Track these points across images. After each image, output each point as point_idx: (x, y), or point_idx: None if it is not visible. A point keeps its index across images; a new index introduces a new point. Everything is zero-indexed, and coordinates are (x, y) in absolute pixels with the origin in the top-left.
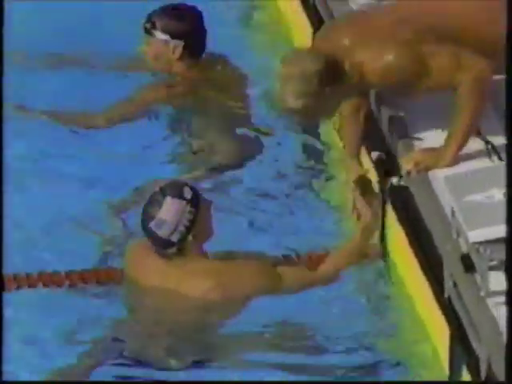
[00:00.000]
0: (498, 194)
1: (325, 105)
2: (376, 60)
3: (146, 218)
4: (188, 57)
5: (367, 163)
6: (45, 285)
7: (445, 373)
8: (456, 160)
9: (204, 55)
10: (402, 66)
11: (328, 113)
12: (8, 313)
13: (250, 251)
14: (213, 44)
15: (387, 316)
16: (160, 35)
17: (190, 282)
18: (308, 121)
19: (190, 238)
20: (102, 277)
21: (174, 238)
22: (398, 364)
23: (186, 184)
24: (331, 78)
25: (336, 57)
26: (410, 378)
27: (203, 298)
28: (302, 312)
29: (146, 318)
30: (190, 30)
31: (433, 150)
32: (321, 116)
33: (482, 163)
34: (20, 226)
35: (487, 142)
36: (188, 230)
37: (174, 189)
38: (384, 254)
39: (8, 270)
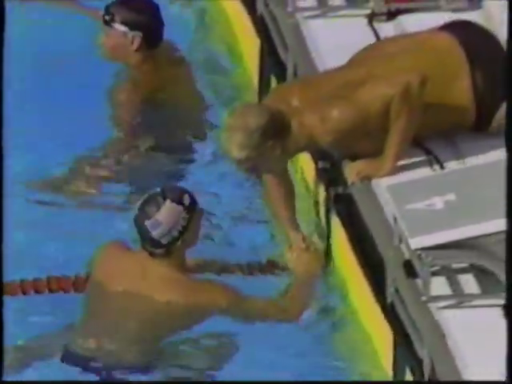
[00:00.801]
0: (439, 202)
1: (269, 158)
2: (323, 121)
3: (143, 215)
4: (145, 48)
5: (313, 180)
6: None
7: (389, 376)
8: (397, 169)
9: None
10: (346, 119)
11: (273, 165)
12: None
13: (226, 260)
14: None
15: (331, 322)
16: (119, 27)
17: (159, 289)
18: (253, 171)
19: (179, 242)
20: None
21: (165, 241)
22: (342, 367)
23: (187, 191)
24: (275, 133)
25: (284, 114)
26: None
27: (168, 308)
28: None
29: (106, 319)
30: (149, 22)
31: (373, 160)
32: (266, 168)
33: (424, 172)
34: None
35: (428, 152)
36: (180, 234)
37: (175, 194)
38: (328, 260)
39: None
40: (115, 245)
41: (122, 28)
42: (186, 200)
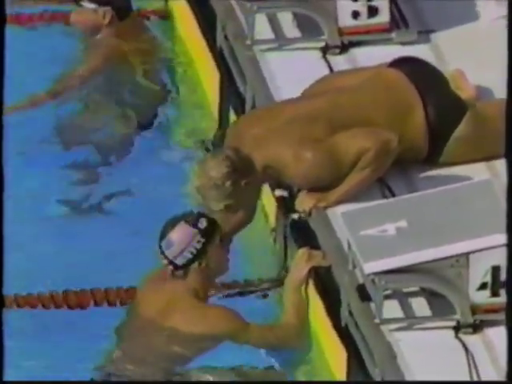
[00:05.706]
0: (391, 229)
1: (246, 196)
2: (297, 161)
3: (161, 235)
4: (116, 21)
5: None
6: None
7: None
8: (351, 197)
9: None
10: (321, 165)
11: (253, 202)
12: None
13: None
14: None
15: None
16: (88, 5)
17: (168, 312)
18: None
19: (196, 265)
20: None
21: (179, 262)
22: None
23: (205, 216)
24: (241, 173)
25: (243, 150)
26: None
27: (174, 330)
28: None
29: (137, 342)
30: None
31: (316, 193)
32: (246, 202)
33: (376, 199)
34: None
35: (381, 181)
36: (194, 257)
37: (191, 217)
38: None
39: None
40: (157, 272)
41: (91, 5)
42: (202, 224)
